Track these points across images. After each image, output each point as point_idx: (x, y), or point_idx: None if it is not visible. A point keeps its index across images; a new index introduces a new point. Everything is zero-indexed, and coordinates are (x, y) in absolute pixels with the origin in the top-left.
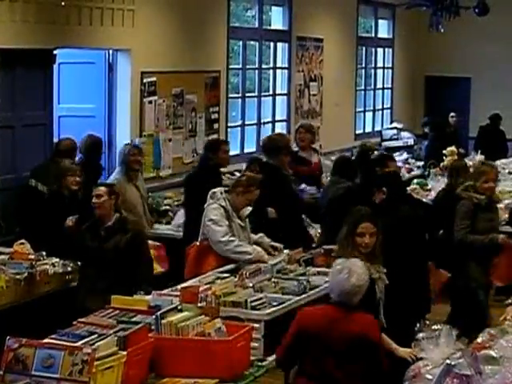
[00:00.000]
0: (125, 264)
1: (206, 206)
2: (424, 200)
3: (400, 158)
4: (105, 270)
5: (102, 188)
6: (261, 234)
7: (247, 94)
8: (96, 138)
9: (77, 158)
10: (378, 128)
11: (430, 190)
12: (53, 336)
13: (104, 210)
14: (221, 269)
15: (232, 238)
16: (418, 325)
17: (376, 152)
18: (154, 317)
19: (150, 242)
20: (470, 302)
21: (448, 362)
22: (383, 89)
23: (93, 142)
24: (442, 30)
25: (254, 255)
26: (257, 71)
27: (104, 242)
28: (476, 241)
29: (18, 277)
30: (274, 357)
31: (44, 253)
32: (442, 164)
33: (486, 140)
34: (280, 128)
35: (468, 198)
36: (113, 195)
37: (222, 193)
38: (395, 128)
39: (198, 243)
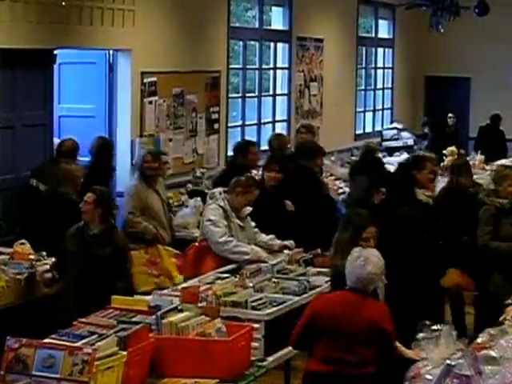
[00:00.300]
0: (107, 275)
1: (205, 206)
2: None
3: (400, 158)
4: (87, 277)
5: (92, 196)
6: (271, 236)
7: (247, 94)
8: (106, 139)
9: (86, 159)
10: (378, 128)
11: None
12: (53, 336)
13: (89, 217)
14: (221, 269)
15: (230, 239)
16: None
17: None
18: (154, 317)
19: (170, 249)
20: (495, 308)
21: (448, 362)
22: (383, 89)
23: (103, 144)
24: (442, 30)
25: (251, 255)
26: (257, 71)
27: (89, 248)
28: (500, 247)
29: (18, 277)
30: (274, 357)
31: (44, 253)
32: (442, 164)
33: (486, 140)
34: (280, 128)
35: (491, 204)
36: (100, 206)
37: (220, 193)
38: (395, 128)
39: (197, 243)
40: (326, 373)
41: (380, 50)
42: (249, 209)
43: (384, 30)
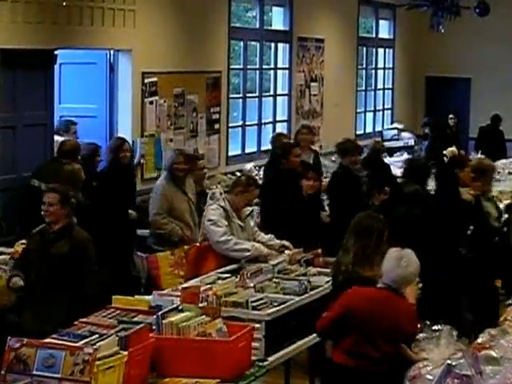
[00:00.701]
0: (66, 273)
1: (206, 206)
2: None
3: (400, 158)
4: (45, 276)
5: (55, 195)
6: (271, 236)
7: (248, 95)
8: (120, 139)
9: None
10: (378, 128)
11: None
12: (54, 336)
13: (53, 218)
14: (222, 269)
15: (230, 237)
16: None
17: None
18: (155, 317)
19: None
20: None
21: (448, 362)
22: (384, 89)
23: (117, 145)
24: (443, 31)
25: (252, 251)
26: (258, 72)
27: (49, 246)
28: None
29: None
30: (274, 357)
31: None
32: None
33: (486, 140)
34: (281, 128)
35: None
36: (65, 203)
37: (221, 193)
38: (396, 128)
39: (198, 244)
40: (349, 367)
41: (380, 51)
42: (249, 209)
43: (384, 31)
